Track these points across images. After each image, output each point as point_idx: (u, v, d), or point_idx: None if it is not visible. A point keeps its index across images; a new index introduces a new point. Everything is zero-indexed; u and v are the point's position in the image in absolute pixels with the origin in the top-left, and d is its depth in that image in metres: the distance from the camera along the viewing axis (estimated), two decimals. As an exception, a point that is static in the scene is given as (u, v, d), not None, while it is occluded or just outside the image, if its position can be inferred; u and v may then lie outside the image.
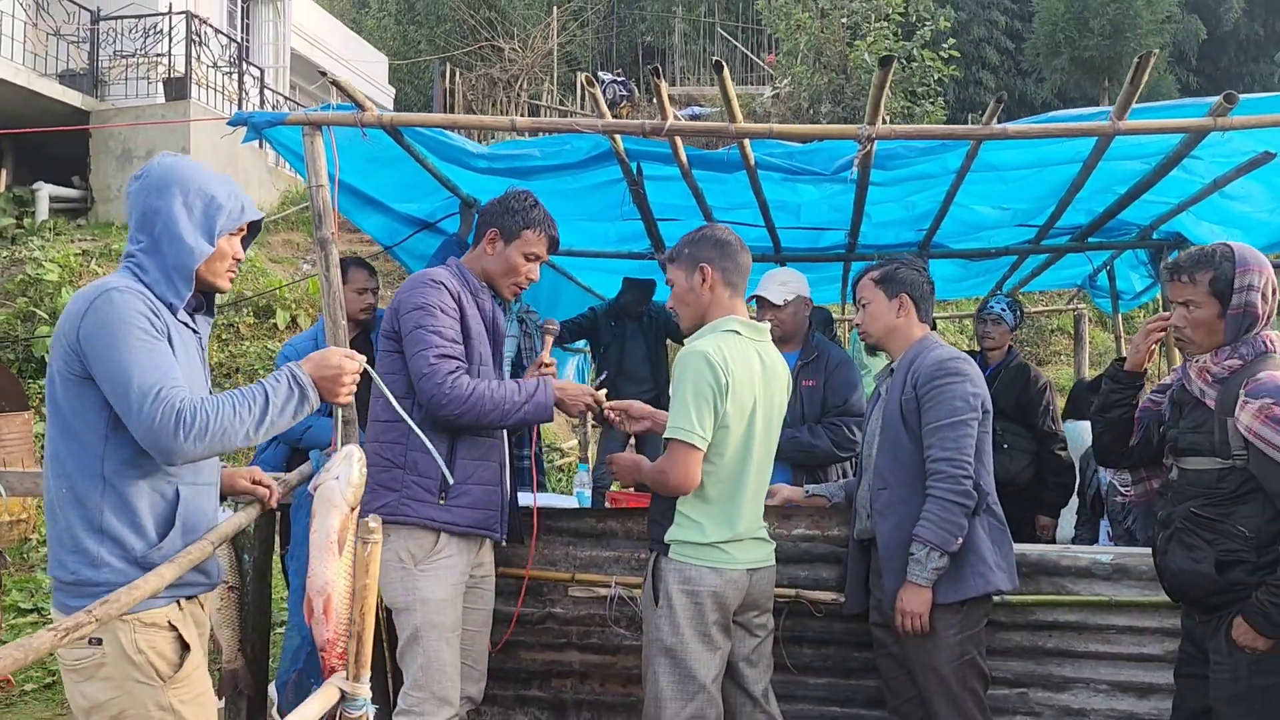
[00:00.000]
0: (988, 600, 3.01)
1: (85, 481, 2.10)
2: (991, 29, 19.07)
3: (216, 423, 2.07)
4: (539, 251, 3.05)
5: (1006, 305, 4.92)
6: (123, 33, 12.74)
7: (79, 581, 2.08)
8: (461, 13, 21.12)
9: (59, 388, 2.13)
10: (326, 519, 2.11)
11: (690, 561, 2.79)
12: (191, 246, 2.21)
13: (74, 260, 10.34)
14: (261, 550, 3.56)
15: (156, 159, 2.32)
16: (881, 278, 3.19)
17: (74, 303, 2.13)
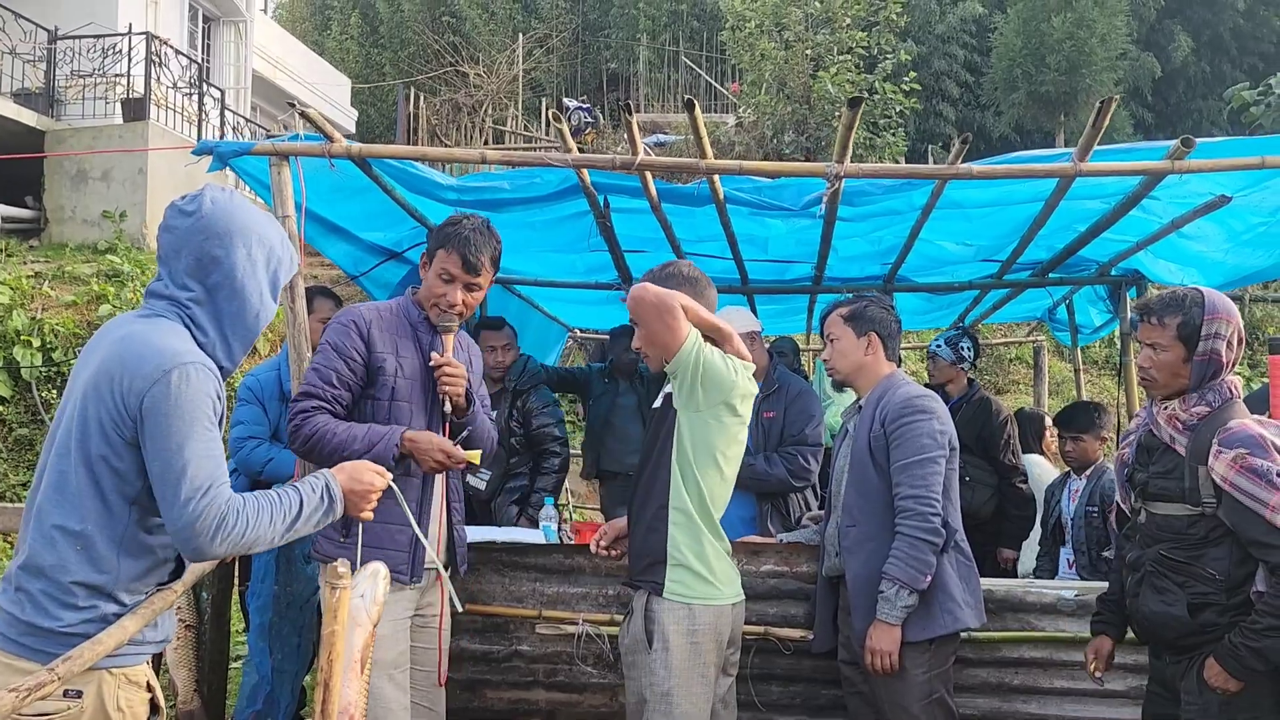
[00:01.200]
0: (956, 638, 3.02)
1: (103, 543, 1.97)
2: (951, 62, 19.42)
3: (251, 532, 1.99)
4: (451, 270, 2.84)
5: (944, 341, 5.02)
6: (81, 52, 12.56)
7: (71, 632, 1.94)
8: (426, 37, 21.14)
9: (95, 443, 1.96)
10: (351, 637, 2.04)
11: (688, 600, 2.71)
12: (258, 310, 2.07)
13: (25, 283, 10.10)
14: (220, 588, 3.49)
15: (208, 194, 2.08)
16: (850, 315, 3.20)
17: (137, 360, 1.94)
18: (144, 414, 1.93)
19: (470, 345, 3.17)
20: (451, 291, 2.84)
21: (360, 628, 2.05)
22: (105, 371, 1.98)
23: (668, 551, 2.73)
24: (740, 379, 2.73)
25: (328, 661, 2.01)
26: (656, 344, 2.69)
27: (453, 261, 2.83)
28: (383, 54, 22.90)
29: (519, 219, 4.30)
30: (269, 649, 3.48)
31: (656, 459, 2.80)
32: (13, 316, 9.28)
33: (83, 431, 1.98)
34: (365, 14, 23.65)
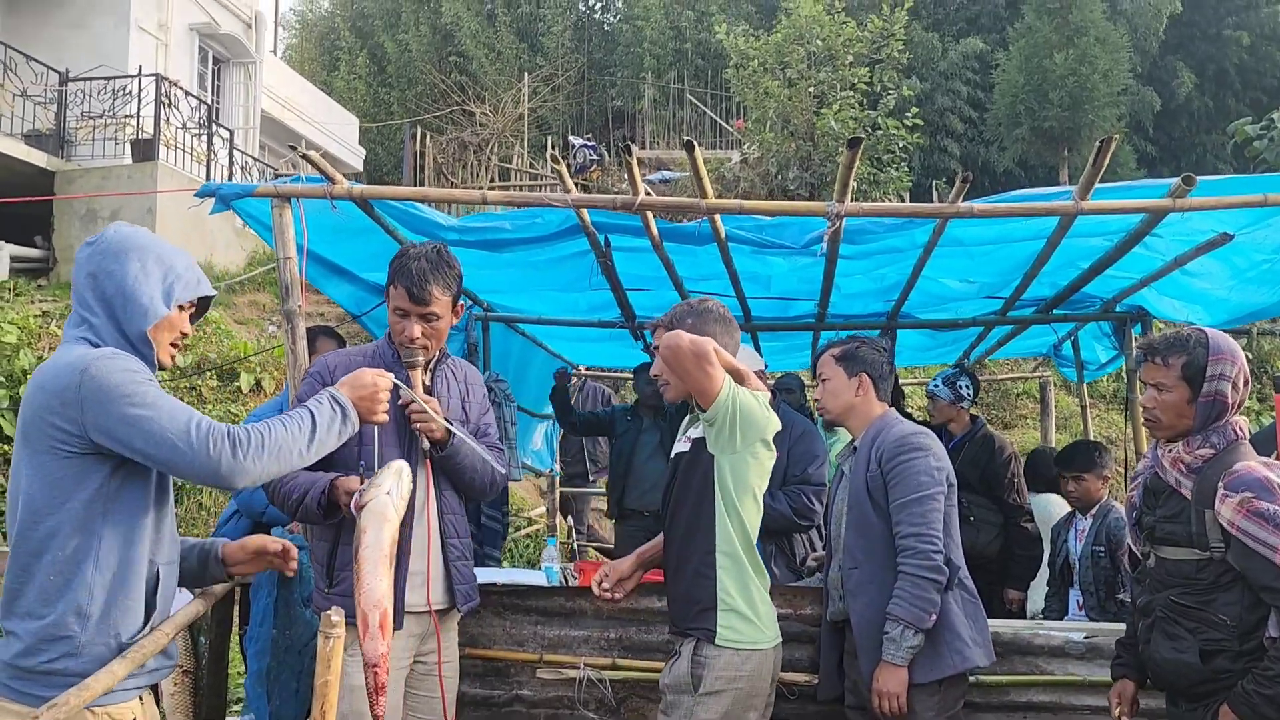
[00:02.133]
0: (965, 678, 2.98)
1: (83, 566, 2.01)
2: (954, 98, 19.54)
3: (271, 439, 2.08)
4: (402, 306, 2.80)
5: (942, 380, 5.02)
6: (91, 94, 12.72)
7: (46, 670, 1.97)
8: (433, 76, 21.38)
9: (46, 464, 2.02)
10: (379, 533, 2.17)
11: (739, 646, 2.69)
12: (145, 306, 2.15)
13: (33, 322, 10.16)
14: (219, 632, 3.45)
15: (113, 226, 2.27)
16: (842, 355, 3.21)
17: (53, 379, 2.03)
18: (86, 412, 1.99)
19: (468, 373, 3.11)
20: (408, 326, 2.81)
21: (389, 524, 2.21)
22: (36, 410, 2.05)
23: (718, 597, 2.70)
24: (770, 415, 2.76)
25: (320, 712, 1.98)
26: (693, 390, 2.69)
27: (400, 296, 2.80)
28: (390, 93, 23.16)
29: (521, 258, 4.31)
30: (267, 694, 3.43)
31: (695, 504, 2.76)
32: (20, 355, 9.32)
33: (31, 467, 2.03)
34: (373, 54, 23.95)
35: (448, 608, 2.93)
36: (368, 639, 2.18)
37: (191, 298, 2.27)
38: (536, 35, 22.59)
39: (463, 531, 3.00)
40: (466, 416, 3.01)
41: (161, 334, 2.21)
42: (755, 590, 2.74)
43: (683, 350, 2.63)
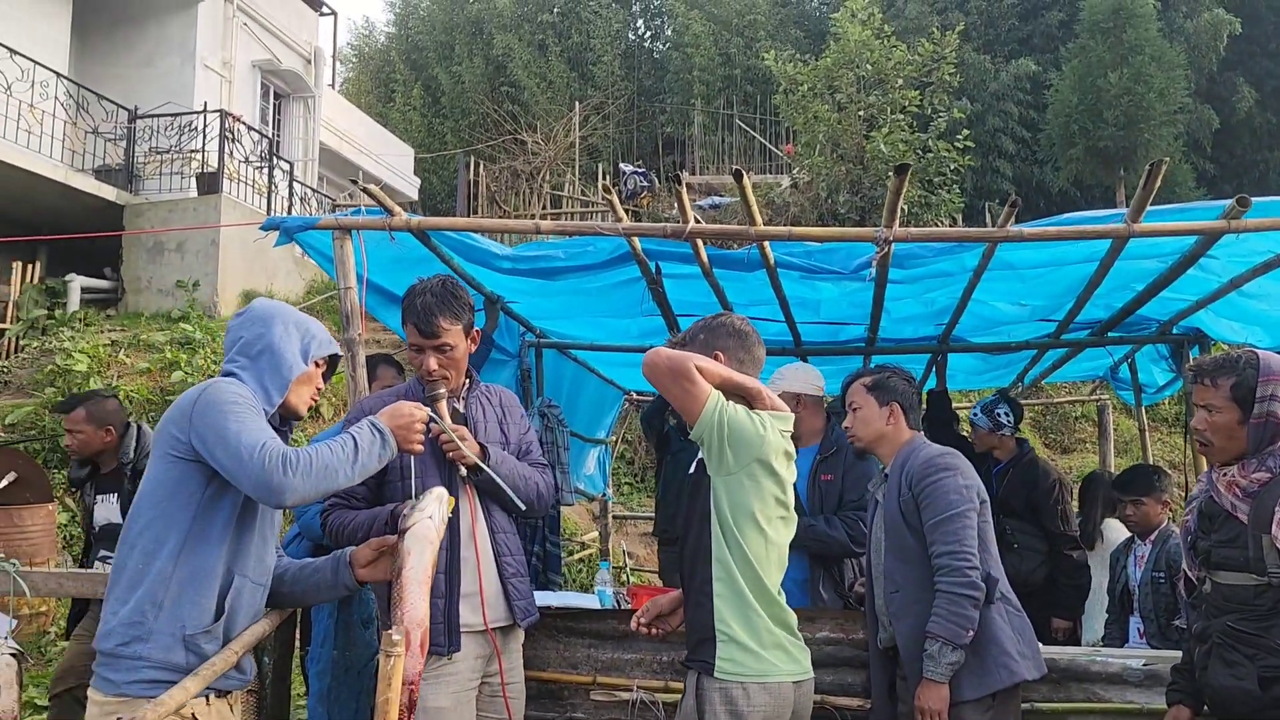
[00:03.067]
0: (1017, 693, 2.98)
1: (161, 556, 2.27)
2: (1006, 119, 19.38)
3: (318, 461, 2.28)
4: (415, 342, 2.94)
5: (980, 409, 4.99)
6: (159, 130, 13.16)
7: (119, 654, 2.22)
8: (486, 106, 21.75)
9: (158, 468, 2.35)
10: (421, 556, 2.32)
11: (738, 679, 2.57)
12: (290, 362, 2.52)
13: (103, 350, 10.50)
14: (281, 652, 3.54)
15: (258, 300, 2.69)
16: (874, 385, 3.25)
17: (184, 397, 2.40)
18: (194, 422, 2.31)
19: (503, 396, 3.20)
20: (424, 359, 2.93)
21: (431, 546, 2.35)
22: (163, 422, 2.42)
23: (715, 628, 2.60)
24: (770, 434, 2.62)
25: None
26: (677, 408, 2.66)
27: (412, 333, 2.94)
28: (444, 123, 23.60)
29: (573, 286, 4.39)
30: (328, 714, 3.52)
31: (698, 528, 2.69)
32: (90, 383, 9.63)
33: (150, 471, 2.36)
34: (427, 86, 24.44)
35: (509, 624, 2.98)
36: (408, 656, 2.25)
37: (324, 355, 2.63)
38: (587, 64, 22.90)
39: (515, 549, 3.04)
40: (506, 438, 3.08)
41: (301, 387, 2.57)
42: (760, 621, 2.60)
43: (659, 367, 2.61)
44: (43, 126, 11.79)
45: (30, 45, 11.93)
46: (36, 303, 11.68)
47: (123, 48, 13.98)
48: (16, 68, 11.50)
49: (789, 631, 2.69)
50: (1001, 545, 4.64)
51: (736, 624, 2.59)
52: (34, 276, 11.95)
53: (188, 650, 2.26)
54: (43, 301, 11.80)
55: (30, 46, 11.91)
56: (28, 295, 11.64)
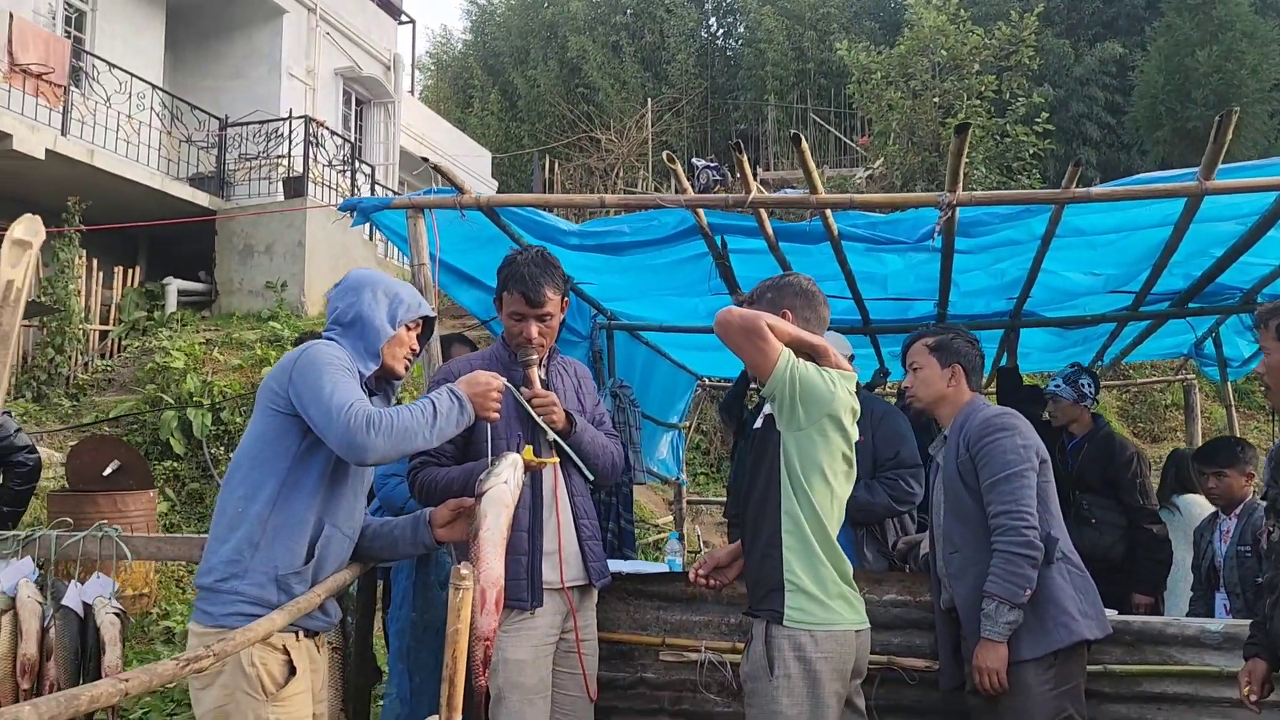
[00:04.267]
0: (1080, 653, 2.94)
1: (258, 501, 2.43)
2: (1091, 105, 18.87)
3: (399, 423, 2.40)
4: (519, 310, 3.01)
5: (1063, 380, 4.87)
6: (247, 137, 13.68)
7: (217, 589, 2.38)
8: (561, 108, 22.02)
9: (258, 421, 2.53)
10: (498, 518, 2.43)
11: (809, 626, 2.65)
12: (378, 328, 2.63)
13: (198, 349, 10.96)
14: (364, 613, 3.70)
15: (352, 272, 2.80)
16: (936, 345, 3.23)
17: (286, 357, 2.57)
18: (293, 379, 2.46)
19: (578, 368, 3.31)
20: (525, 327, 3.01)
21: (505, 509, 2.45)
22: (266, 379, 2.59)
23: (784, 578, 2.68)
24: (840, 391, 2.70)
25: (452, 658, 2.15)
26: (749, 365, 2.72)
27: (516, 300, 3.00)
28: (521, 126, 23.96)
29: (640, 261, 4.47)
30: (408, 671, 3.66)
31: (765, 484, 2.76)
32: (186, 380, 10.07)
33: (252, 423, 2.53)
34: (504, 91, 24.85)
35: (585, 584, 3.08)
36: (483, 614, 2.36)
37: (414, 318, 2.72)
38: (660, 63, 23.01)
39: (591, 514, 3.15)
40: (582, 406, 3.19)
41: (394, 349, 2.68)
42: (826, 572, 2.69)
43: (732, 325, 2.66)
44: (140, 136, 12.35)
45: (128, 59, 12.53)
46: (137, 305, 12.25)
47: (213, 59, 14.57)
48: (115, 81, 12.08)
49: (849, 582, 2.79)
50: (1079, 520, 4.61)
51: (805, 575, 2.68)
52: (134, 280, 12.53)
53: (279, 589, 2.40)
54: (143, 304, 12.38)
55: (128, 60, 12.50)
56: (129, 298, 12.22)
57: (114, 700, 1.38)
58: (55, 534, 3.65)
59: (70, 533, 3.68)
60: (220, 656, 1.86)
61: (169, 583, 7.81)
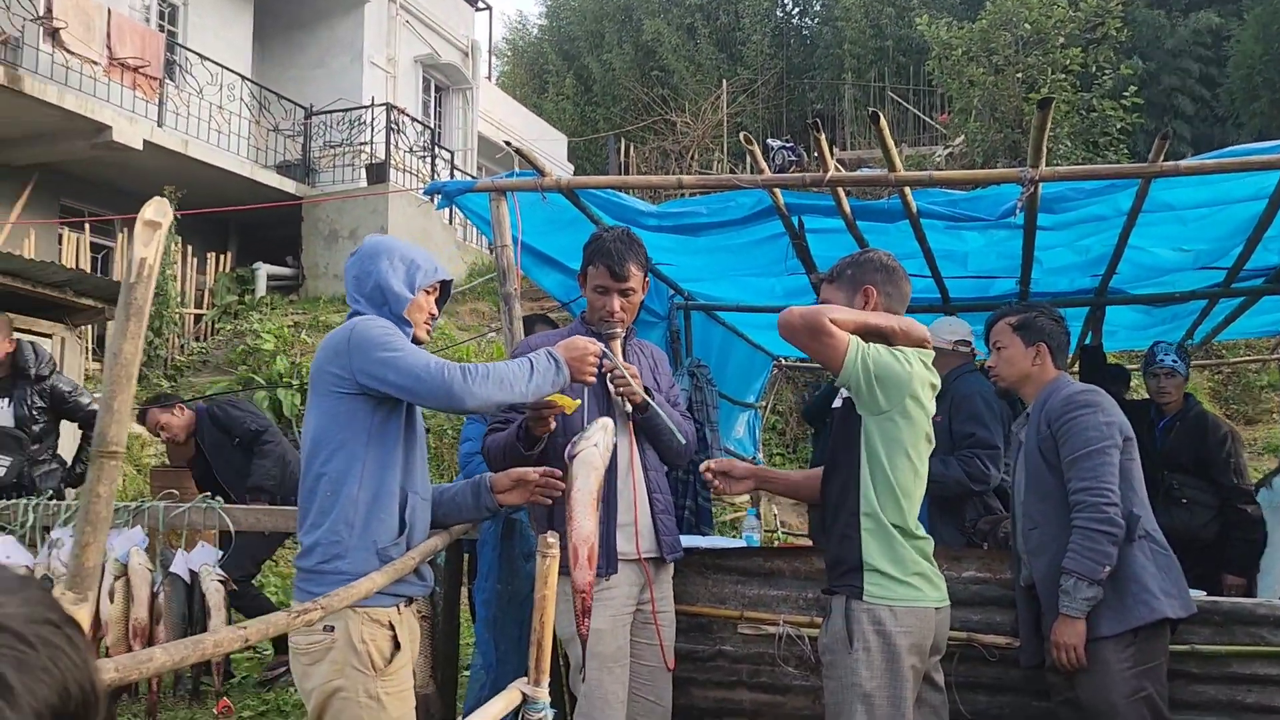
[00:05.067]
0: (1161, 632, 2.92)
1: (348, 482, 2.49)
2: (1184, 77, 18.22)
3: (495, 372, 2.49)
4: (603, 282, 3.05)
5: (1176, 354, 4.74)
6: (331, 125, 14.03)
7: (321, 570, 2.44)
8: (636, 91, 22.05)
9: (324, 405, 2.55)
10: (588, 480, 2.51)
11: (889, 602, 2.65)
12: (398, 294, 2.64)
13: (287, 332, 11.33)
14: (450, 584, 3.83)
15: (368, 238, 2.80)
16: (1020, 324, 3.20)
17: (332, 339, 2.58)
18: (353, 361, 2.48)
19: (654, 350, 3.36)
20: (609, 301, 3.06)
21: (595, 471, 2.51)
22: (319, 365, 2.60)
23: (862, 559, 2.69)
24: (916, 368, 2.68)
25: (540, 623, 2.23)
26: (820, 362, 2.72)
27: (602, 275, 3.05)
28: (596, 111, 24.06)
29: (717, 243, 4.51)
30: (493, 640, 3.78)
31: (844, 466, 2.77)
32: (276, 361, 10.43)
33: (314, 411, 2.57)
34: (579, 75, 24.96)
35: (657, 557, 3.14)
36: (577, 569, 2.47)
37: (431, 283, 2.73)
38: (735, 44, 22.86)
39: (664, 489, 3.20)
40: (658, 386, 3.25)
41: (415, 314, 2.68)
42: (905, 552, 2.68)
43: (794, 325, 2.64)
44: (230, 126, 12.77)
45: (218, 51, 12.95)
46: (229, 289, 12.70)
47: (297, 50, 14.96)
48: (207, 73, 12.50)
49: (929, 560, 2.78)
50: (1169, 500, 4.53)
51: (882, 557, 2.68)
52: (226, 266, 12.98)
53: (381, 561, 2.49)
54: (234, 288, 12.82)
55: (218, 53, 12.92)
56: (221, 283, 12.67)
57: (235, 646, 1.49)
58: (163, 505, 3.86)
59: (176, 504, 3.89)
60: (328, 610, 1.96)
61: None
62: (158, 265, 1.24)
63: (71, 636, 0.66)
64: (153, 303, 6.28)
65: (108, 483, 1.12)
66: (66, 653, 0.65)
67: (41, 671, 0.62)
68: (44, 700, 0.62)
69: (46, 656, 0.63)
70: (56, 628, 0.66)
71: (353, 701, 2.37)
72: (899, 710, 2.66)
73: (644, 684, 3.07)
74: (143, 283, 1.20)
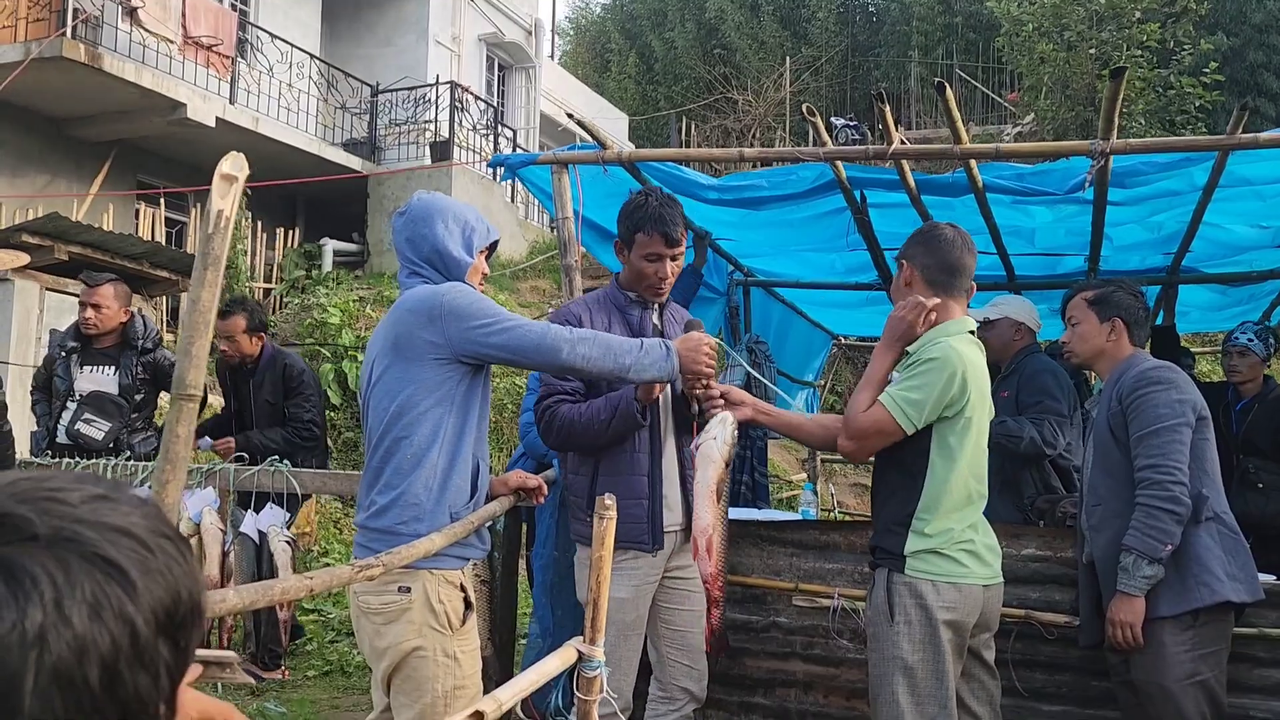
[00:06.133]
0: (1225, 618, 2.85)
1: (432, 448, 2.49)
2: (1270, 54, 17.54)
3: (601, 339, 2.53)
4: (657, 250, 2.99)
5: (1255, 334, 4.61)
6: (396, 104, 14.20)
7: (397, 531, 2.43)
8: (698, 69, 21.94)
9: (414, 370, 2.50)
10: (706, 472, 2.57)
11: (928, 577, 2.63)
12: (458, 259, 2.63)
13: (352, 306, 11.53)
14: (509, 549, 3.90)
15: (414, 197, 2.74)
16: (1095, 299, 3.14)
17: (417, 304, 2.52)
18: (448, 329, 2.46)
19: (681, 313, 3.31)
20: (660, 267, 3.01)
21: (714, 464, 2.55)
22: (407, 330, 2.53)
23: (911, 524, 2.66)
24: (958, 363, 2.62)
25: (596, 583, 2.27)
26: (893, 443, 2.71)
27: (656, 242, 2.98)
28: (658, 89, 24.00)
29: (777, 217, 4.49)
30: (550, 605, 3.85)
31: (896, 461, 2.75)
32: (342, 335, 10.63)
33: (402, 374, 2.52)
34: (641, 54, 24.90)
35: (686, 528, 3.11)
36: (698, 559, 2.57)
37: (486, 244, 2.73)
38: (800, 22, 22.60)
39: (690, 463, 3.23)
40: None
41: (472, 277, 2.69)
42: (949, 523, 2.65)
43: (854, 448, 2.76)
44: (299, 104, 13.00)
45: (288, 30, 13.17)
46: (296, 265, 12.96)
47: (365, 29, 15.14)
48: (277, 51, 12.72)
49: (981, 534, 2.73)
50: (1244, 484, 4.42)
51: (936, 523, 2.65)
52: (294, 241, 13.25)
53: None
54: (301, 264, 13.08)
55: (288, 31, 13.14)
56: (289, 258, 12.94)
57: (301, 594, 1.54)
58: (234, 467, 3.99)
59: (246, 466, 4.01)
60: (389, 566, 2.01)
61: (327, 524, 8.32)
62: (233, 217, 1.29)
63: (183, 550, 0.74)
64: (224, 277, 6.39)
65: (186, 423, 1.18)
66: (180, 563, 0.72)
67: (159, 575, 0.69)
68: (159, 600, 0.68)
69: (163, 563, 0.70)
70: (171, 540, 0.73)
71: (430, 660, 2.41)
72: (942, 683, 2.64)
73: (678, 649, 3.09)
74: (220, 233, 1.25)
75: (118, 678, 0.64)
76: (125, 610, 0.65)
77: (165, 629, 0.68)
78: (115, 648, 0.64)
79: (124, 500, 0.72)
